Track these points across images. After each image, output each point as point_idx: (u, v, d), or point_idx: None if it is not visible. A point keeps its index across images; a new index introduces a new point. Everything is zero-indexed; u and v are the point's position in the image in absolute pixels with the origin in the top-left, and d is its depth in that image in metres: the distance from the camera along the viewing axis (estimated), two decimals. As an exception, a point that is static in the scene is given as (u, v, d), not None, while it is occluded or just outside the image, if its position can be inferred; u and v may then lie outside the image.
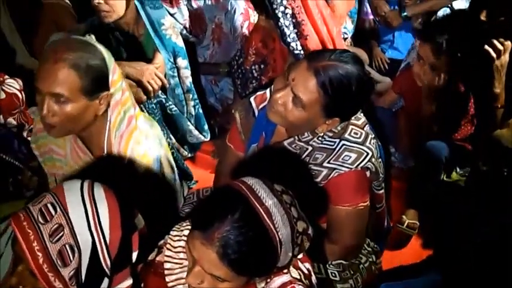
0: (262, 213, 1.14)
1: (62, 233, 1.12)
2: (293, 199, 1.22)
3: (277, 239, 1.14)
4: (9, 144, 2.01)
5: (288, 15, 2.27)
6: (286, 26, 2.27)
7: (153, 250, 1.44)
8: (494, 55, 2.09)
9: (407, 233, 2.31)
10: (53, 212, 1.13)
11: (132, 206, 1.25)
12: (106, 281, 1.17)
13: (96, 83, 1.55)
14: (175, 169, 1.91)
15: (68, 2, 2.79)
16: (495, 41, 2.09)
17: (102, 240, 1.14)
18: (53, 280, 1.11)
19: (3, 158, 1.92)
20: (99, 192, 1.19)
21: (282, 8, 2.25)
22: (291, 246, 1.18)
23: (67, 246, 1.12)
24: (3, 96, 2.10)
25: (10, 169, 1.95)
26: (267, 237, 1.13)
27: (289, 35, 2.29)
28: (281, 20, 2.27)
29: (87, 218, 1.14)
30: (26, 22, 2.74)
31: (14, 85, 2.18)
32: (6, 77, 2.20)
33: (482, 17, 2.31)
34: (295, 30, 2.28)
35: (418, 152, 2.34)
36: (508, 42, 2.11)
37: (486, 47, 2.09)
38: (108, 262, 1.16)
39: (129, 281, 1.25)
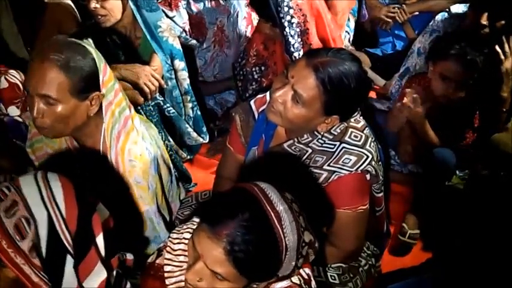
0: (273, 216, 1.15)
1: (16, 208, 1.14)
2: (301, 210, 1.23)
3: (284, 244, 1.15)
4: (18, 130, 2.00)
5: (294, 25, 2.30)
6: (291, 36, 2.30)
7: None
8: (503, 57, 2.08)
9: (410, 244, 2.30)
10: (7, 191, 1.17)
11: (88, 191, 1.27)
12: (71, 260, 1.19)
13: (86, 83, 1.54)
14: (172, 171, 1.90)
15: (72, 4, 2.79)
16: (505, 43, 2.08)
17: (58, 214, 1.17)
18: (14, 256, 1.13)
19: (17, 143, 1.92)
20: (52, 175, 1.22)
21: (288, 18, 2.28)
22: (296, 255, 1.18)
23: (22, 219, 1.14)
24: (6, 85, 2.11)
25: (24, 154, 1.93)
26: (275, 240, 1.14)
27: (293, 45, 2.32)
28: (287, 29, 2.30)
29: (41, 193, 1.17)
30: (29, 22, 2.75)
31: (16, 75, 2.19)
32: (8, 69, 2.22)
33: (483, 21, 2.29)
34: (300, 40, 2.30)
35: (424, 160, 2.32)
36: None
37: (497, 48, 2.08)
38: (68, 237, 1.17)
39: (103, 274, 1.25)
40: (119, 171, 1.68)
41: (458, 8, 2.65)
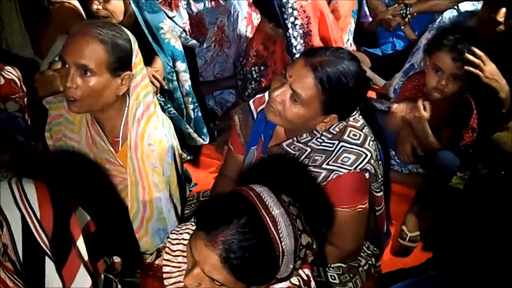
0: (268, 221, 1.14)
1: None
2: (299, 212, 1.22)
3: (281, 248, 1.15)
4: (17, 125, 2.02)
5: (297, 26, 2.32)
6: (294, 37, 2.32)
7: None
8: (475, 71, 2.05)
9: (410, 247, 2.29)
10: None
11: (67, 195, 1.27)
12: (51, 263, 1.18)
13: (121, 61, 1.62)
14: (183, 166, 1.91)
15: (78, 4, 2.80)
16: (475, 50, 2.04)
17: (32, 214, 1.17)
18: None
19: (19, 139, 1.93)
20: (26, 179, 1.23)
21: (292, 19, 2.30)
22: (293, 259, 1.18)
23: None
24: (2, 81, 2.13)
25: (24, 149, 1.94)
26: (271, 245, 1.14)
27: (295, 46, 2.33)
28: (290, 30, 2.31)
29: (14, 196, 1.17)
30: (35, 21, 2.76)
31: (12, 71, 2.21)
32: (3, 65, 2.23)
33: (499, 18, 2.24)
34: (302, 41, 2.31)
35: (427, 162, 2.30)
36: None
37: (469, 57, 2.04)
38: (45, 238, 1.17)
39: (87, 281, 1.24)
40: (136, 154, 1.71)
41: (467, 6, 2.62)
